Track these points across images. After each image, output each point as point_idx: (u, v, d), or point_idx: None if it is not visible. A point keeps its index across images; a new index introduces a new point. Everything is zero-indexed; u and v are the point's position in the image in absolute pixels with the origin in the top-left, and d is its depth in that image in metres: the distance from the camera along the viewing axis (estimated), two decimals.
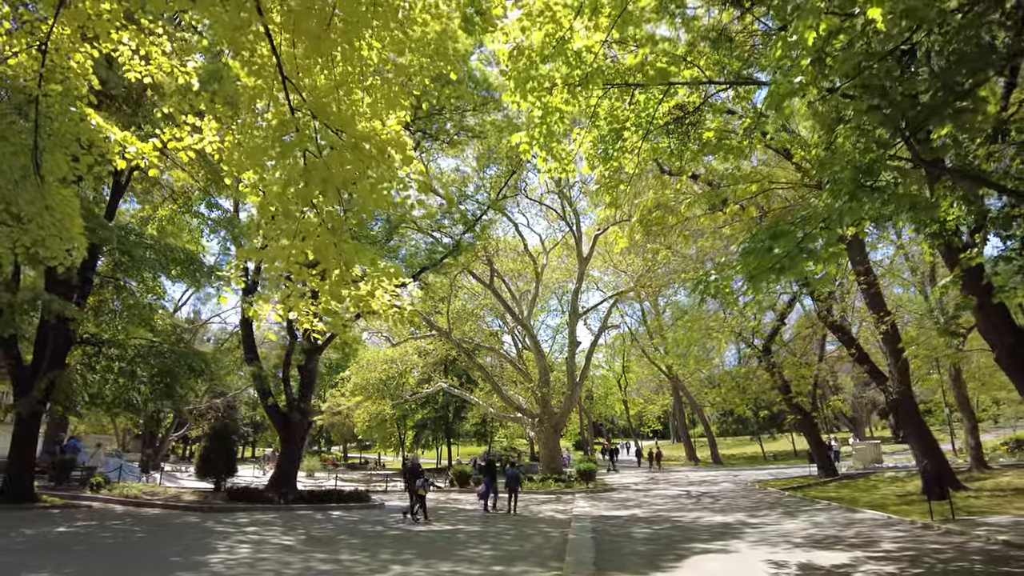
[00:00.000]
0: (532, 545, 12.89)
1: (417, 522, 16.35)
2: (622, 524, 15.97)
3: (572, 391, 34.68)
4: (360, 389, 43.97)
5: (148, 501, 18.65)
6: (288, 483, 22.41)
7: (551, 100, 9.29)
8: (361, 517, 17.86)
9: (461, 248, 25.05)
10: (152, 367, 17.73)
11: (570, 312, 36.10)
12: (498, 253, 38.33)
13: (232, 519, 16.26)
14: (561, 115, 9.58)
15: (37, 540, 11.66)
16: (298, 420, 23.44)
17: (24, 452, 16.88)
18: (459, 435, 60.85)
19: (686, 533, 13.76)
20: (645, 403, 74.33)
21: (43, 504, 16.60)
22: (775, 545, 11.38)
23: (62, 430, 31.15)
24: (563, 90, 9.19)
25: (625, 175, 13.09)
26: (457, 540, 13.58)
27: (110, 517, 15.67)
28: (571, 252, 44.58)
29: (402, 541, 13.24)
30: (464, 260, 28.14)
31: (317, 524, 15.85)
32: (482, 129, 23.52)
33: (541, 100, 9.22)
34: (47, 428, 35.35)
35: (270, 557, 10.59)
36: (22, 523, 13.54)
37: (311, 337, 20.43)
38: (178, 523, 15.10)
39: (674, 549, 11.52)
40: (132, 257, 14.93)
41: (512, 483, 19.61)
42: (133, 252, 14.70)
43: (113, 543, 11.71)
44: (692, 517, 17.07)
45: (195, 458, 23.92)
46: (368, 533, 14.32)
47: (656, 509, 19.84)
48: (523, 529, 15.58)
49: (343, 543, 12.67)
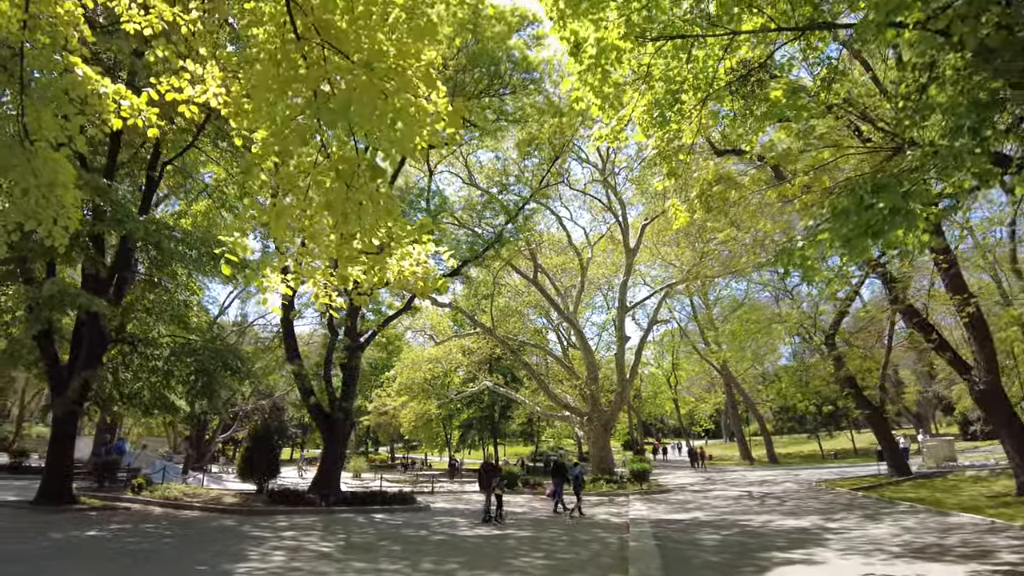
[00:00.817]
0: (589, 553, 11.73)
1: (498, 523, 16.10)
2: (685, 529, 14.66)
3: (622, 388, 33.29)
4: (405, 389, 43.43)
5: (188, 503, 18.10)
6: (330, 484, 21.68)
7: (606, 35, 8.09)
8: (405, 520, 16.95)
9: (503, 240, 24.01)
10: (188, 366, 17.16)
11: (618, 306, 34.69)
12: (541, 248, 37.21)
13: (270, 523, 15.52)
14: (618, 55, 8.36)
15: (60, 545, 11.02)
16: (341, 419, 22.73)
17: (62, 453, 16.47)
18: (505, 435, 59.88)
19: (760, 539, 12.40)
20: (696, 401, 72.37)
21: (81, 506, 16.15)
22: (868, 555, 9.96)
23: (110, 432, 31.28)
24: (619, 24, 7.98)
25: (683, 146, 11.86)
26: (506, 547, 12.51)
27: (146, 520, 15.09)
28: (617, 246, 43.21)
29: (446, 547, 12.24)
30: (507, 253, 27.13)
31: (358, 528, 14.98)
32: (523, 114, 22.45)
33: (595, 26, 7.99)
34: (97, 430, 35.73)
35: (303, 567, 9.67)
36: (53, 526, 13.00)
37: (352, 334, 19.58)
38: (213, 527, 14.40)
39: (751, 559, 10.21)
40: (161, 249, 14.31)
41: (577, 484, 18.90)
42: (162, 244, 14.07)
43: (139, 549, 10.98)
44: (761, 521, 15.65)
45: (237, 460, 23.40)
46: (411, 539, 13.36)
47: (719, 512, 18.42)
48: (577, 535, 14.42)
49: (383, 550, 11.72)
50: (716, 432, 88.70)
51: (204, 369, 17.02)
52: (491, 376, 44.66)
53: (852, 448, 54.61)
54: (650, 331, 39.31)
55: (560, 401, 35.57)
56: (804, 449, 62.44)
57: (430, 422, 51.40)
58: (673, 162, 11.48)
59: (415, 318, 41.15)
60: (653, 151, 11.41)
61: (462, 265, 24.15)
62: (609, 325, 56.85)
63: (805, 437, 71.86)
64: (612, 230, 43.43)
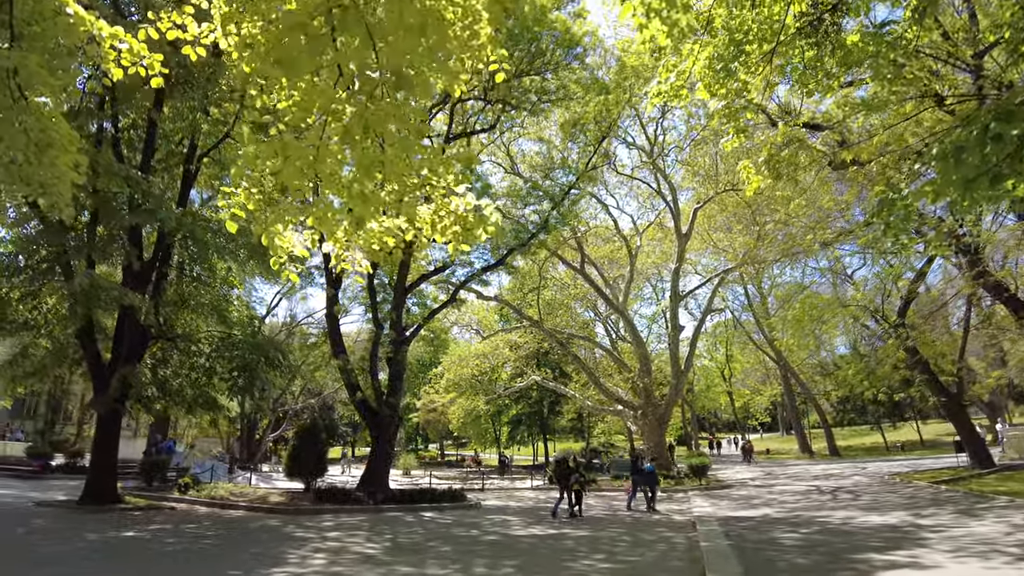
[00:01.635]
0: (655, 554, 10.68)
1: (575, 520, 15.72)
2: (757, 527, 13.44)
3: (677, 380, 31.91)
4: (453, 385, 42.88)
5: (233, 503, 17.66)
6: (378, 482, 21.05)
7: None
8: (455, 519, 16.13)
9: (549, 227, 22.98)
10: (230, 362, 16.69)
11: (670, 295, 33.29)
12: (587, 237, 36.00)
13: (315, 522, 14.88)
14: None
15: (95, 546, 10.51)
16: (387, 415, 22.07)
17: (106, 452, 16.18)
18: (555, 431, 58.79)
19: (847, 539, 11.12)
20: (751, 394, 70.13)
21: (125, 506, 15.82)
22: (985, 557, 8.64)
23: (162, 433, 31.44)
24: None
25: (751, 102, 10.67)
26: (563, 547, 11.54)
27: (188, 520, 14.62)
28: (666, 234, 41.74)
29: (499, 548, 11.33)
30: (552, 242, 26.14)
31: (406, 528, 14.21)
32: (566, 92, 21.38)
33: None
34: (149, 431, 36.08)
35: (344, 572, 8.88)
36: (92, 526, 12.58)
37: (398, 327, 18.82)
38: (256, 527, 13.81)
39: (844, 562, 9.00)
40: (195, 240, 13.79)
41: (651, 480, 18.22)
42: (196, 234, 13.55)
43: (176, 550, 10.38)
44: (840, 517, 14.29)
45: (284, 458, 23.00)
46: (461, 539, 12.50)
47: (790, 508, 17.08)
48: (640, 534, 13.36)
49: (432, 551, 10.87)
50: (772, 425, 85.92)
51: (246, 365, 16.52)
52: (539, 371, 43.65)
53: (919, 440, 51.67)
54: (704, 321, 37.69)
55: (612, 395, 34.35)
56: (866, 441, 59.59)
57: (479, 418, 50.76)
58: (741, 120, 10.31)
59: (461, 312, 40.46)
60: (705, 129, 10.37)
61: (507, 254, 23.23)
62: (659, 317, 55.42)
63: (867, 429, 68.85)
64: (661, 217, 42.00)
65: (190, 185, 17.89)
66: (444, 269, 25.34)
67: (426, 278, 25.19)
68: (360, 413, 23.79)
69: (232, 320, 16.90)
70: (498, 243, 22.78)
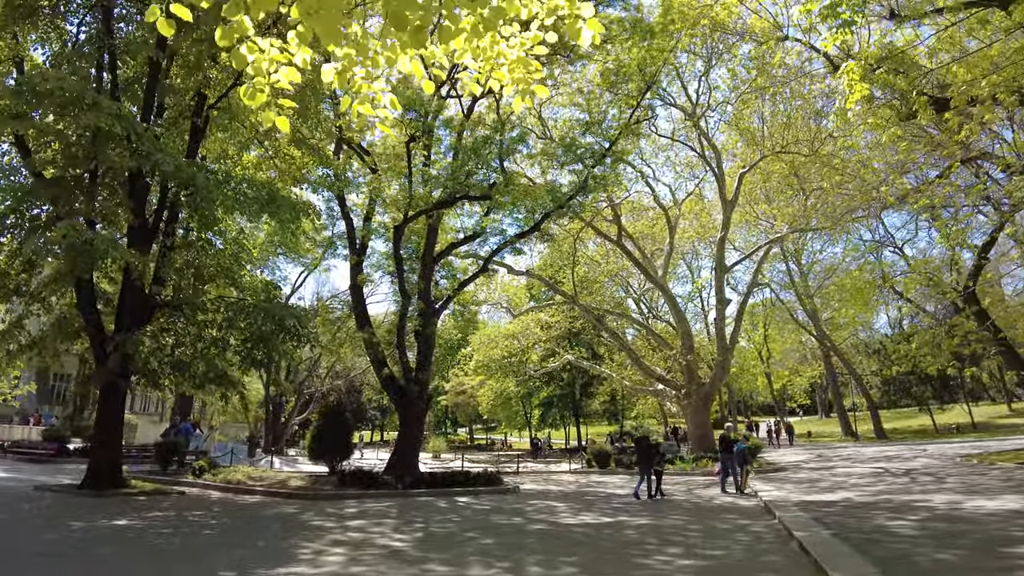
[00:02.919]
0: (741, 547, 8.79)
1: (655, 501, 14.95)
2: (848, 513, 11.46)
3: (723, 357, 29.75)
4: (482, 367, 41.23)
5: (250, 487, 16.12)
6: (407, 465, 19.45)
7: None
8: (493, 505, 14.38)
9: (588, 187, 20.95)
10: (242, 332, 15.04)
11: (715, 266, 31.02)
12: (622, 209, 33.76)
13: (338, 509, 13.23)
14: None
15: (71, 537, 8.91)
16: (416, 393, 20.42)
17: (109, 433, 14.69)
18: (587, 414, 56.92)
19: (979, 527, 9.12)
20: (790, 375, 67.46)
21: (130, 491, 14.32)
22: None
23: (185, 414, 30.29)
24: None
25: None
26: (627, 539, 9.70)
27: (196, 506, 13.06)
28: (703, 208, 39.58)
29: (551, 540, 9.53)
30: (588, 209, 24.21)
31: (439, 515, 12.48)
32: (608, 34, 19.28)
33: None
34: (172, 413, 35.01)
35: (364, 572, 7.13)
36: (83, 513, 11.02)
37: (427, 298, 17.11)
38: (269, 515, 12.19)
39: (1002, 557, 7.04)
40: (196, 188, 12.08)
41: (743, 460, 17.05)
42: (196, 181, 11.84)
43: (166, 543, 8.75)
44: (943, 502, 12.25)
45: (307, 440, 21.48)
46: (504, 528, 10.72)
47: (872, 492, 15.05)
48: (709, 522, 11.49)
49: (472, 544, 9.09)
50: (810, 408, 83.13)
51: (261, 335, 14.85)
52: (573, 350, 41.77)
53: (971, 422, 48.66)
54: (750, 294, 35.41)
55: (653, 374, 32.33)
56: (911, 424, 56.68)
57: (509, 400, 49.14)
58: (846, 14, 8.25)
59: (491, 290, 38.64)
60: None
61: (543, 218, 21.31)
62: (695, 296, 53.18)
63: (913, 411, 65.90)
64: (701, 187, 39.74)
65: (198, 141, 16.26)
66: (475, 238, 23.50)
67: (456, 246, 23.40)
68: (387, 391, 22.22)
69: (244, 284, 15.21)
70: (533, 206, 20.86)
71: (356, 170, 22.08)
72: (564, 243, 33.95)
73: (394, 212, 20.29)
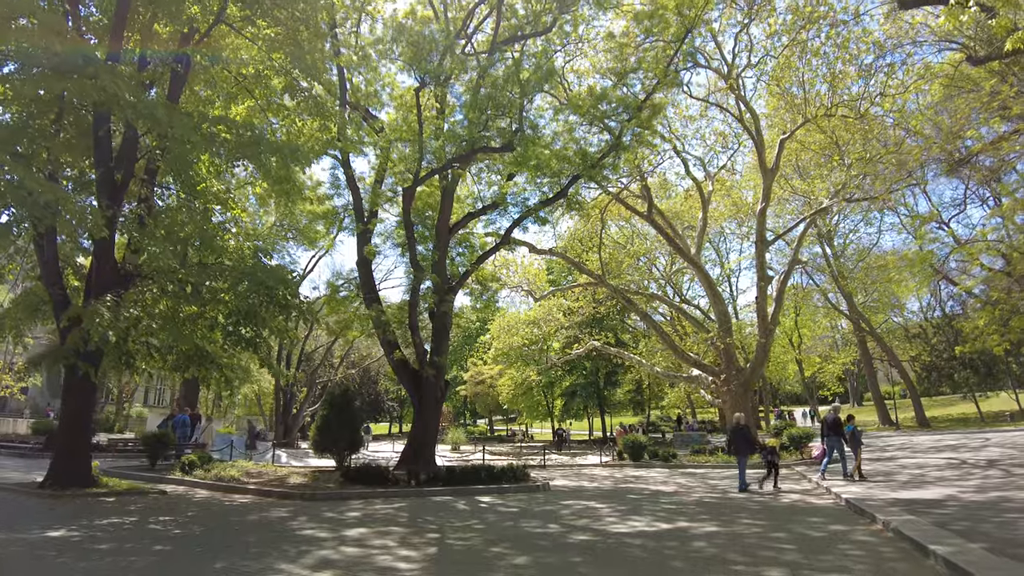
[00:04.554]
0: (865, 567, 6.48)
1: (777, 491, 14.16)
2: (970, 516, 9.10)
3: (765, 339, 27.30)
4: (502, 356, 39.04)
5: (242, 486, 14.05)
6: (422, 459, 17.32)
7: None
8: (522, 507, 12.14)
9: (623, 146, 18.58)
10: (226, 305, 12.88)
11: (756, 239, 28.46)
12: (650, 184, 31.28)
13: (337, 512, 11.09)
14: None
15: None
16: (431, 377, 18.23)
17: (74, 426, 12.66)
18: (612, 404, 54.55)
19: None
20: (822, 361, 64.53)
21: (98, 490, 12.27)
22: None
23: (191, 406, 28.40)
24: None
25: None
26: (702, 554, 7.41)
27: (168, 510, 10.93)
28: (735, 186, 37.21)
29: (603, 558, 7.27)
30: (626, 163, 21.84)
31: (458, 521, 10.25)
32: None
33: None
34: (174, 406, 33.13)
35: None
36: (19, 518, 8.97)
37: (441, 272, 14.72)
38: (251, 520, 10.04)
39: None
40: (157, 122, 9.85)
41: (856, 443, 15.37)
42: (157, 115, 9.64)
43: (86, 565, 6.58)
44: None
45: (311, 431, 19.40)
46: (539, 541, 8.46)
47: (973, 487, 12.64)
48: (791, 527, 9.19)
49: (503, 567, 6.86)
50: (843, 397, 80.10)
51: (248, 309, 12.69)
52: (598, 336, 39.41)
53: (1020, 409, 45.57)
54: (791, 272, 32.78)
55: (688, 359, 29.91)
56: (951, 412, 53.71)
57: (530, 390, 46.89)
58: None
59: (510, 273, 36.27)
60: None
61: (572, 181, 19.00)
62: (722, 281, 50.78)
63: (953, 398, 62.96)
64: (733, 160, 37.26)
65: (180, 86, 14.11)
66: (494, 208, 21.24)
67: (473, 216, 21.14)
68: (399, 376, 20.08)
69: (224, 248, 12.99)
70: (559, 170, 18.54)
71: (362, 135, 19.89)
72: (590, 222, 31.67)
73: (403, 172, 18.11)
